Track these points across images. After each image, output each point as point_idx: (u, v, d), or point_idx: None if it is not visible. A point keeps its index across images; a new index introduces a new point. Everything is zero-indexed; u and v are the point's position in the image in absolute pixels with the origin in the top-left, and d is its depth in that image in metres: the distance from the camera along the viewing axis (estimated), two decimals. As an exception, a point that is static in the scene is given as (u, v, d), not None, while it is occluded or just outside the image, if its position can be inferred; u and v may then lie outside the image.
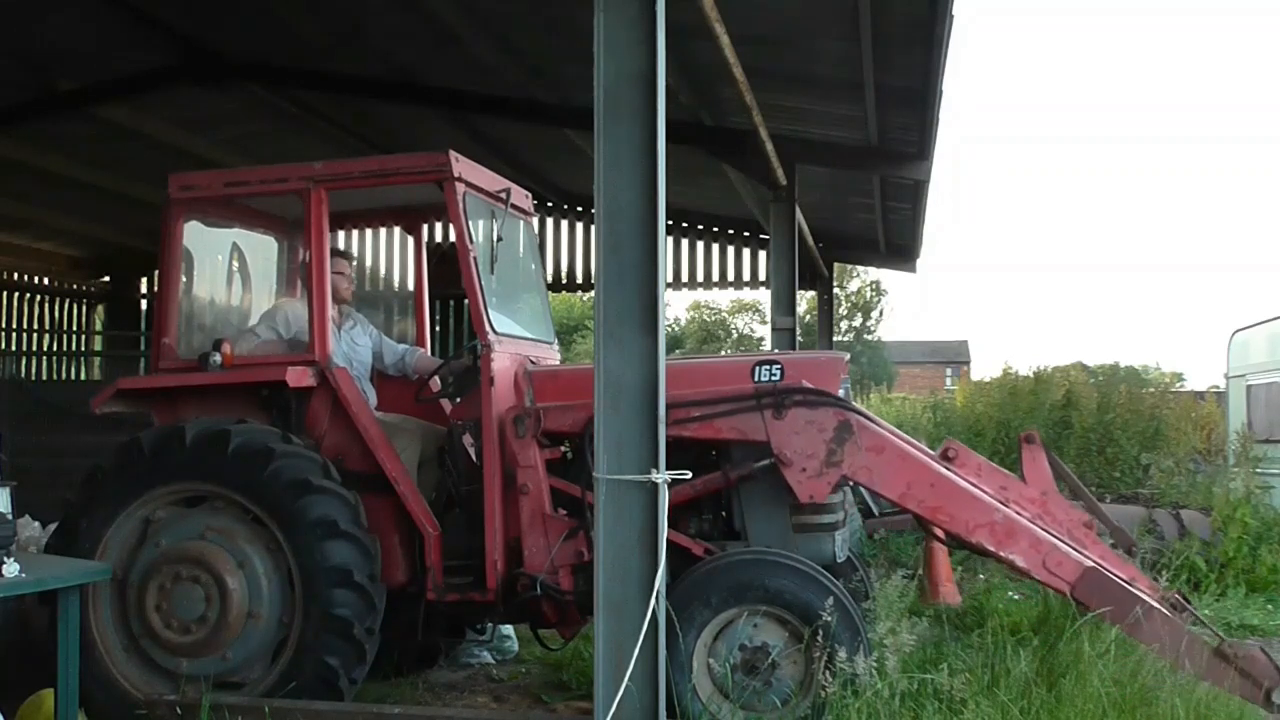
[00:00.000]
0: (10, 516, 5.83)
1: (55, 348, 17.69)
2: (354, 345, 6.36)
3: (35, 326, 17.29)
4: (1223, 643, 5.04)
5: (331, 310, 6.02)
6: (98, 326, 18.49)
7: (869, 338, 55.92)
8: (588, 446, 5.16)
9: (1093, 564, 5.17)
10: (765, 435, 5.27)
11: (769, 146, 9.34)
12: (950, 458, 5.86)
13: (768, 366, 5.43)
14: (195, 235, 6.23)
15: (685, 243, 16.41)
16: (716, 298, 54.85)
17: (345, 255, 6.59)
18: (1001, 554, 5.18)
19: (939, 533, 5.79)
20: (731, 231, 16.22)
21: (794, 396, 5.28)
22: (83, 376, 17.32)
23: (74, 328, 18.01)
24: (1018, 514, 5.37)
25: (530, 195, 6.83)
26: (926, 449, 5.85)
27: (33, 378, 16.13)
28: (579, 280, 16.85)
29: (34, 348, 17.23)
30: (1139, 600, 5.03)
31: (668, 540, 4.37)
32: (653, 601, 4.23)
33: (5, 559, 4.36)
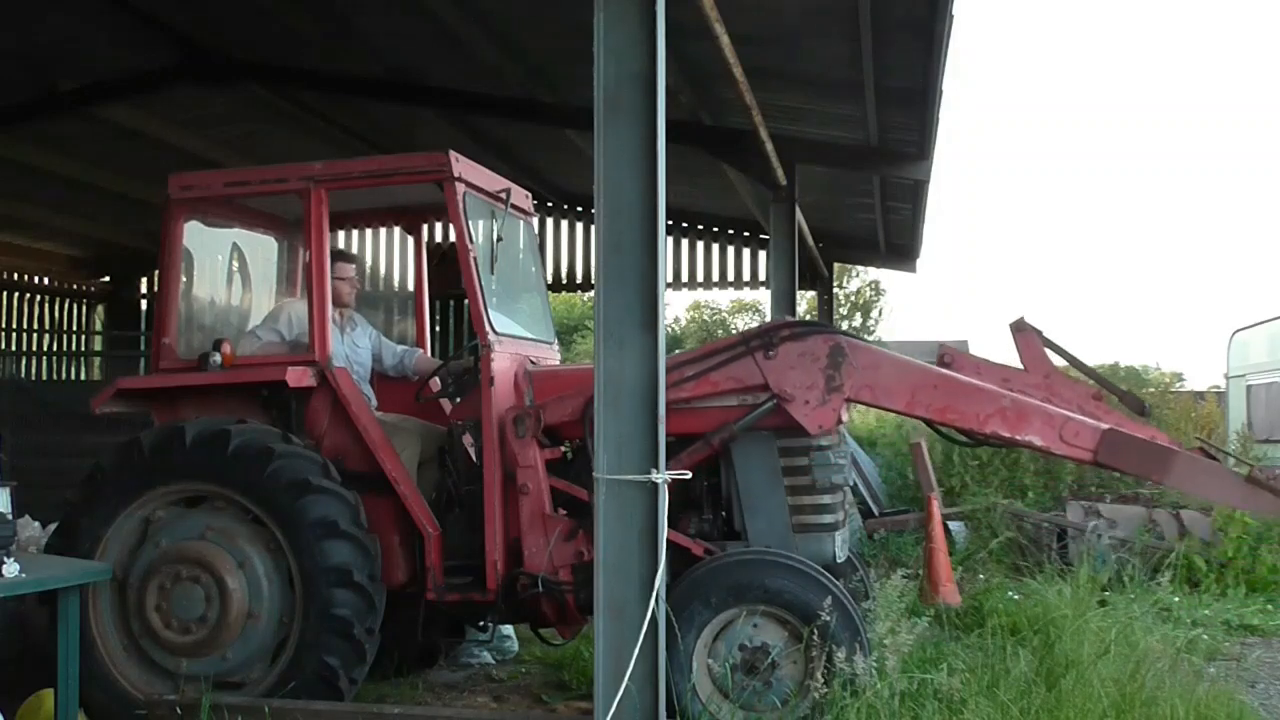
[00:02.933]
0: (10, 516, 5.83)
1: (55, 348, 17.70)
2: (355, 347, 6.36)
3: (35, 326, 17.30)
4: (1253, 469, 5.04)
5: (334, 313, 6.02)
6: (98, 326, 18.49)
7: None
8: (587, 430, 5.20)
9: (1110, 426, 5.17)
10: (762, 377, 5.28)
11: (769, 146, 9.35)
12: (948, 363, 5.83)
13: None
14: (195, 235, 6.23)
15: (685, 243, 16.42)
16: (716, 298, 54.72)
17: (349, 257, 6.57)
18: (1018, 438, 5.17)
19: (955, 432, 5.67)
20: (731, 231, 16.23)
21: (781, 333, 5.31)
22: (83, 376, 17.34)
23: (74, 328, 18.02)
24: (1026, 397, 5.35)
25: (530, 195, 6.83)
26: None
27: (33, 378, 16.13)
28: (579, 280, 16.86)
29: (34, 348, 17.24)
30: (1164, 448, 5.05)
31: (668, 540, 4.37)
32: (653, 601, 4.23)
33: (5, 559, 4.36)
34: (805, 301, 26.59)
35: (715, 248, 16.43)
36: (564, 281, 16.85)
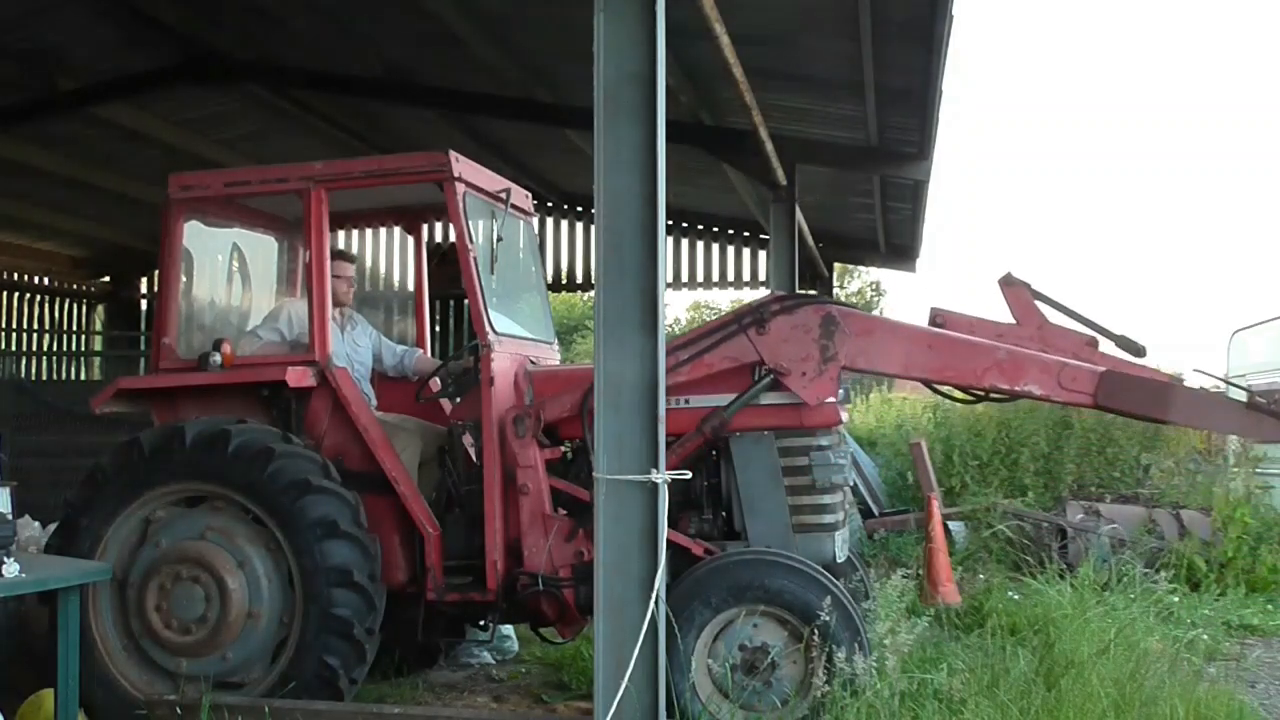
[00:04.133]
0: (10, 516, 5.84)
1: (55, 348, 17.69)
2: (355, 347, 6.36)
3: (35, 326, 17.29)
4: (1252, 396, 5.03)
5: (334, 312, 6.02)
6: (98, 326, 18.49)
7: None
8: (585, 424, 5.21)
9: (1107, 369, 5.17)
10: (756, 353, 5.30)
11: (769, 146, 9.35)
12: (940, 324, 5.81)
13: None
14: (195, 235, 6.23)
15: (685, 243, 16.42)
16: (716, 298, 54.66)
17: (348, 257, 6.58)
18: (1017, 388, 5.18)
19: (953, 391, 5.66)
20: (731, 231, 16.23)
21: (771, 308, 5.31)
22: (83, 376, 17.32)
23: (74, 328, 18.01)
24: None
25: (530, 195, 6.83)
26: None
27: (33, 378, 16.12)
28: (579, 280, 16.86)
29: (34, 348, 17.24)
30: (1163, 384, 5.05)
31: (668, 540, 4.37)
32: (653, 602, 4.23)
33: (5, 559, 4.36)
34: (805, 301, 26.53)
35: (715, 248, 16.42)
36: (564, 281, 16.84)
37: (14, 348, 16.70)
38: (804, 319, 5.28)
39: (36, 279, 17.17)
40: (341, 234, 11.45)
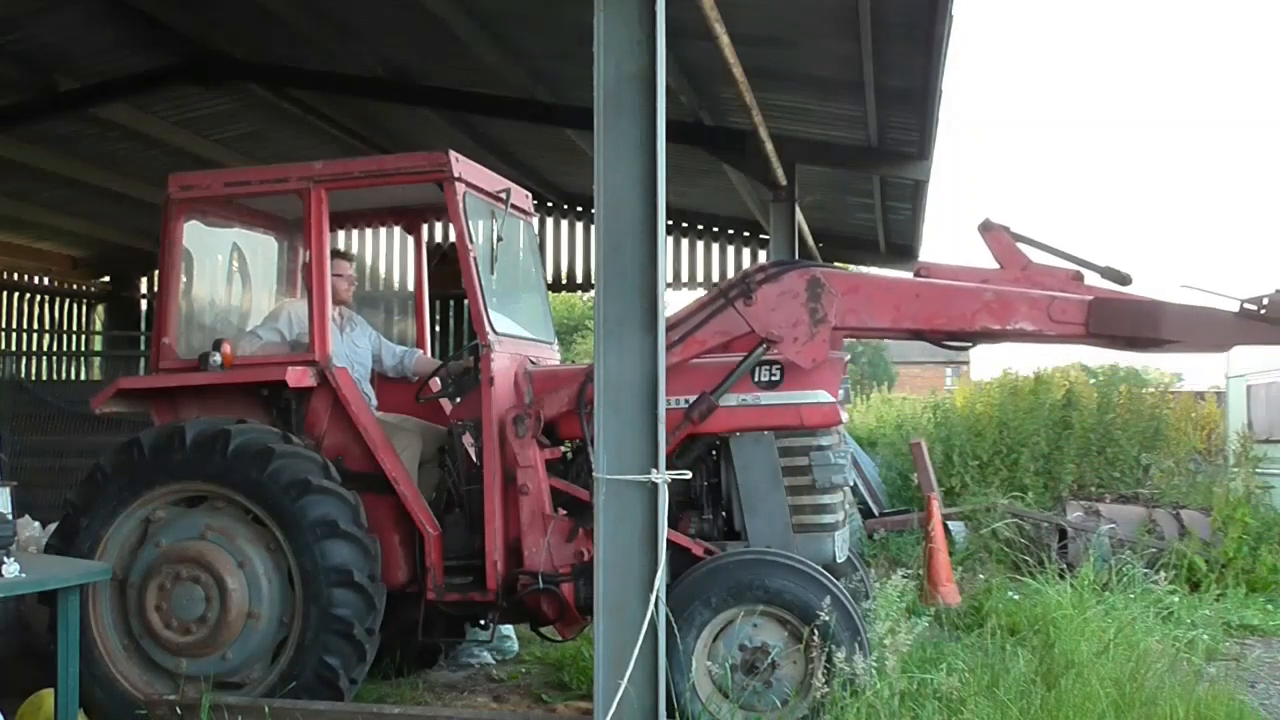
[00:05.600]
0: (10, 516, 5.83)
1: (55, 348, 17.69)
2: (354, 347, 6.36)
3: (35, 326, 17.30)
4: (1242, 304, 5.00)
5: (334, 312, 6.02)
6: (98, 326, 18.49)
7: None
8: (583, 417, 5.23)
9: (1095, 296, 5.16)
10: (747, 324, 5.30)
11: (769, 146, 9.34)
12: (925, 276, 5.81)
13: (767, 366, 5.42)
14: (195, 235, 6.23)
15: (685, 243, 16.41)
16: (716, 298, 54.73)
17: (346, 256, 6.58)
18: (1008, 326, 5.16)
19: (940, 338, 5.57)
20: (731, 231, 16.22)
21: (756, 278, 5.32)
22: (83, 376, 17.32)
23: (74, 328, 18.01)
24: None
25: (530, 195, 6.83)
26: None
27: (33, 378, 16.12)
28: (579, 280, 16.85)
29: (34, 348, 17.24)
30: (1152, 302, 5.04)
31: (668, 540, 4.37)
32: (652, 602, 4.23)
33: (5, 559, 4.36)
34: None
35: (715, 248, 16.42)
36: (564, 281, 16.84)
37: (14, 348, 16.69)
38: (790, 285, 5.28)
39: (36, 279, 17.17)
40: (341, 234, 11.45)
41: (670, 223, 14.77)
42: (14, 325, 16.84)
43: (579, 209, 16.28)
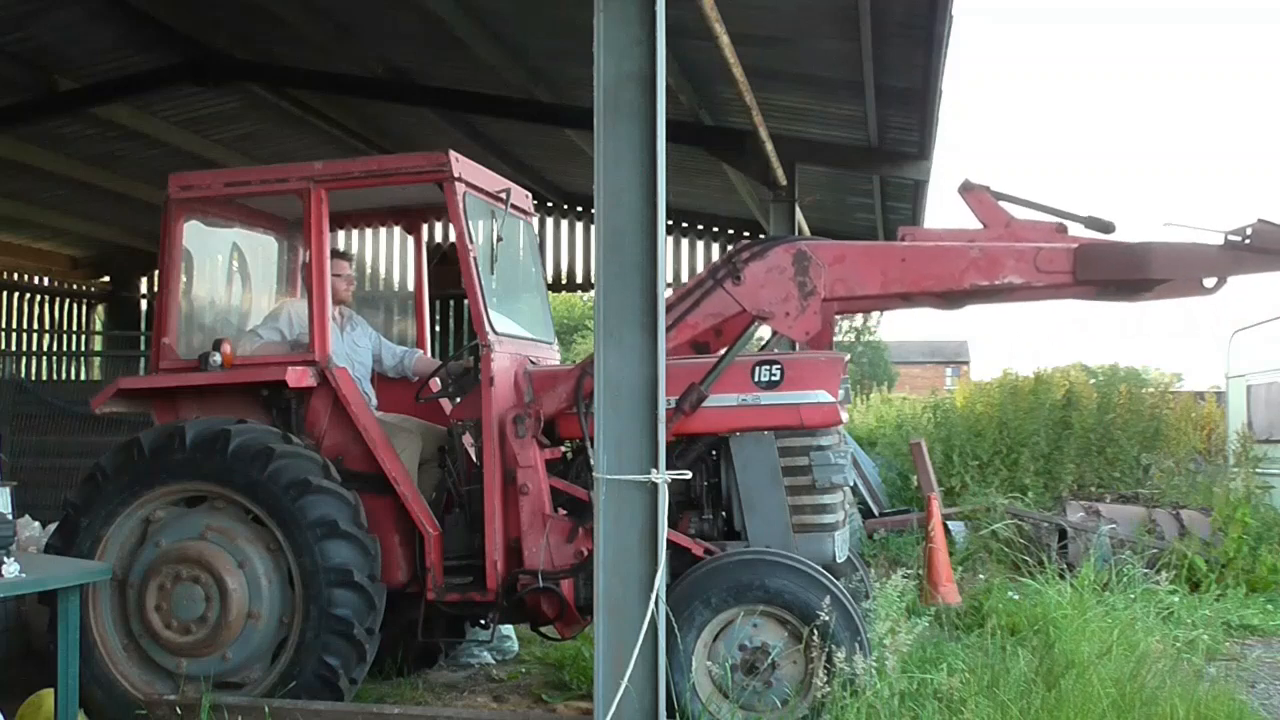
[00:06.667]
0: (10, 516, 5.84)
1: (55, 348, 17.70)
2: (354, 347, 6.36)
3: (35, 326, 17.30)
4: (1226, 236, 5.01)
5: (334, 312, 6.02)
6: (98, 326, 18.49)
7: (869, 338, 55.91)
8: (580, 411, 5.25)
9: (1081, 243, 5.16)
10: (737, 304, 5.31)
11: (769, 146, 9.35)
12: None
13: (767, 366, 5.43)
14: (195, 235, 6.22)
15: (685, 243, 16.42)
16: (716, 298, 54.66)
17: (345, 255, 6.57)
18: (997, 281, 5.17)
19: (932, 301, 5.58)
20: (731, 231, 16.22)
21: (742, 256, 5.33)
22: (83, 376, 17.33)
23: (74, 328, 18.02)
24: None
25: (530, 195, 6.83)
26: None
27: (33, 378, 16.13)
28: (579, 280, 16.86)
29: (34, 348, 17.24)
30: (1138, 243, 5.04)
31: (668, 540, 4.37)
32: (652, 601, 4.23)
33: (5, 559, 4.36)
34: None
35: (715, 248, 16.42)
36: (564, 281, 16.85)
37: (14, 348, 16.70)
38: (777, 260, 5.29)
39: (36, 279, 17.18)
40: (341, 234, 11.45)
41: (670, 223, 14.79)
42: (14, 325, 16.85)
43: (579, 209, 16.28)
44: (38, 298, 17.26)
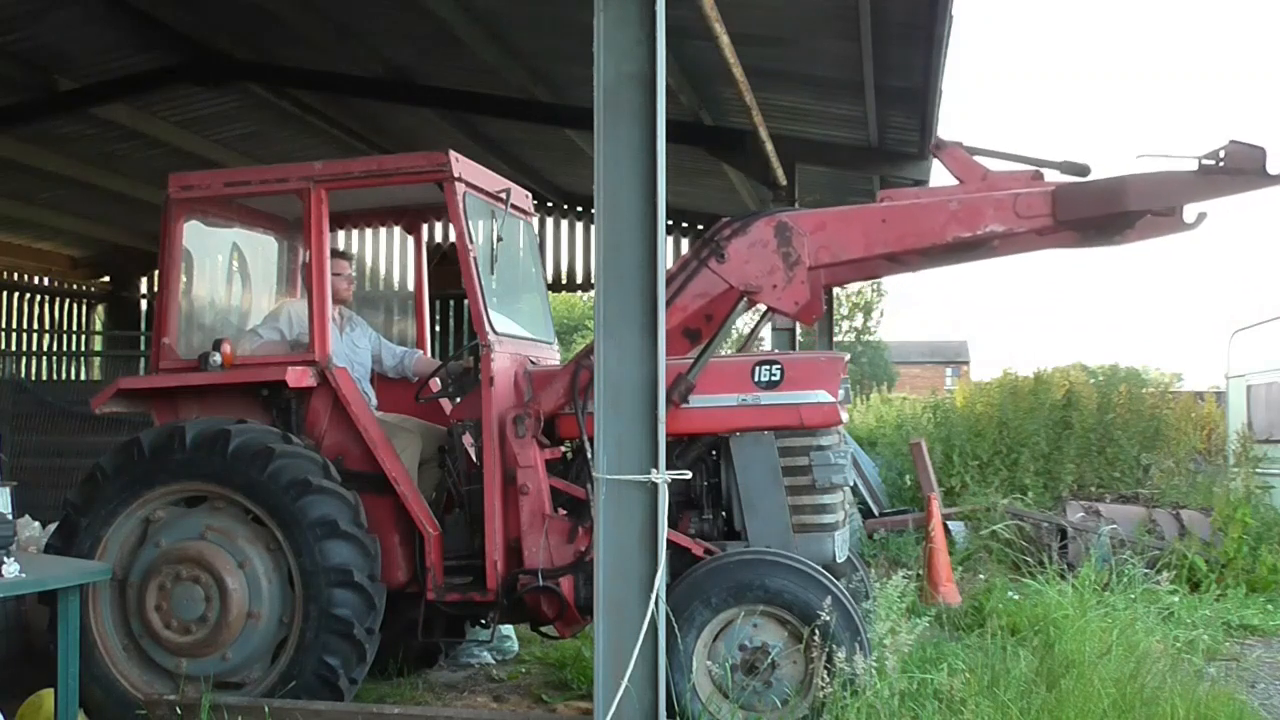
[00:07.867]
0: (10, 516, 5.84)
1: (55, 348, 17.70)
2: (354, 347, 6.36)
3: (35, 326, 17.31)
4: (1200, 161, 5.02)
5: (334, 312, 6.02)
6: (98, 326, 18.50)
7: (869, 338, 55.93)
8: (578, 408, 5.25)
9: (1057, 185, 5.17)
10: (724, 281, 5.31)
11: (769, 146, 9.35)
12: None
13: (767, 366, 5.43)
14: (195, 235, 6.22)
15: (685, 243, 16.41)
16: (716, 298, 54.62)
17: (345, 255, 6.58)
18: (978, 232, 5.18)
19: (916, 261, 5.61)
20: (731, 231, 16.20)
21: (724, 234, 5.34)
22: (83, 376, 17.33)
23: (74, 328, 18.02)
24: None
25: (530, 195, 6.83)
26: None
27: (33, 378, 16.14)
28: (579, 280, 16.86)
29: (34, 348, 17.25)
30: (1113, 178, 5.06)
31: (668, 540, 4.37)
32: (652, 602, 4.23)
33: (5, 559, 4.36)
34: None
35: (715, 248, 16.40)
36: (564, 281, 16.85)
37: (14, 348, 16.71)
38: (758, 234, 5.29)
39: (36, 279, 17.18)
40: (341, 234, 11.45)
41: (670, 223, 14.79)
42: (14, 325, 16.85)
43: (579, 209, 16.29)
44: (38, 298, 17.27)
